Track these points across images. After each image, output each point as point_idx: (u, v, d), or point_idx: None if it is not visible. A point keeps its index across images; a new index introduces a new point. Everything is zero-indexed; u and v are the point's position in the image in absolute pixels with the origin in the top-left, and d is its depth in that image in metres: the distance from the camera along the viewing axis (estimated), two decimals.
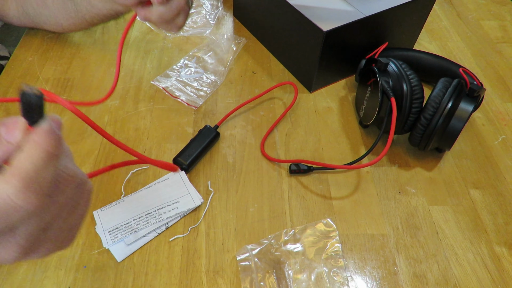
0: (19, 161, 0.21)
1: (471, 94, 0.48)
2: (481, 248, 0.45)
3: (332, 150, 0.54)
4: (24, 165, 0.21)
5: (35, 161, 0.21)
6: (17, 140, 0.22)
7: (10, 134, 0.22)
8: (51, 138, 0.22)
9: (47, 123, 0.22)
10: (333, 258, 0.44)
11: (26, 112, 0.22)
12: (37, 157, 0.21)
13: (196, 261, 0.43)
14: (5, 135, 0.22)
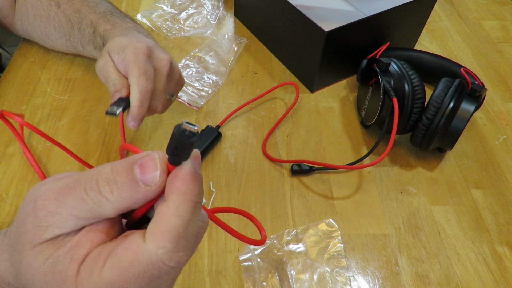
0: (166, 216, 0.19)
1: (473, 94, 0.48)
2: (483, 248, 0.45)
3: (334, 150, 0.54)
4: (172, 222, 0.19)
5: (183, 215, 0.19)
6: (157, 183, 0.19)
7: (148, 176, 0.19)
8: (196, 185, 0.20)
9: (191, 165, 0.20)
10: (335, 258, 0.44)
11: (174, 150, 0.19)
12: (184, 210, 0.19)
13: (198, 261, 0.43)
14: (141, 177, 0.19)
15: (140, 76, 0.41)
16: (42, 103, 0.58)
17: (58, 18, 0.55)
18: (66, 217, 0.19)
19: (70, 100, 0.58)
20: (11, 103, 0.57)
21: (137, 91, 0.41)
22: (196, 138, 0.19)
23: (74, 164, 0.51)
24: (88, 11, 0.53)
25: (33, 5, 0.57)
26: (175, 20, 0.72)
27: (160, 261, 0.19)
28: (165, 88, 0.45)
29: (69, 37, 0.56)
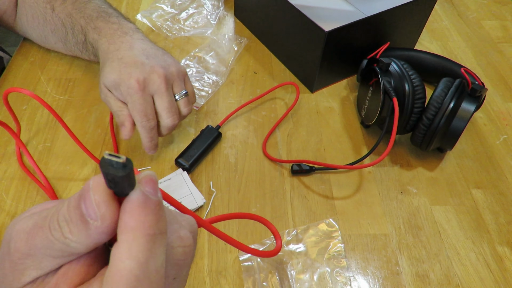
0: (118, 260, 0.17)
1: (473, 94, 0.48)
2: (483, 248, 0.45)
3: (334, 150, 0.54)
4: (126, 266, 0.17)
5: (137, 255, 0.17)
6: (100, 217, 0.17)
7: (90, 211, 0.17)
8: (150, 215, 0.17)
9: (139, 193, 0.17)
10: (335, 258, 0.44)
11: (109, 184, 0.17)
12: (138, 249, 0.17)
13: (198, 262, 0.43)
14: (85, 212, 0.17)
15: (142, 119, 0.45)
16: None
17: (54, 21, 0.55)
18: (41, 258, 0.18)
19: (70, 100, 0.58)
20: (11, 103, 0.57)
21: (143, 131, 0.46)
22: (128, 169, 0.16)
23: (74, 164, 0.51)
24: (78, 15, 0.53)
25: (31, 6, 0.57)
26: (175, 20, 0.72)
27: None
28: (171, 115, 0.47)
29: (65, 41, 0.57)
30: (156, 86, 0.45)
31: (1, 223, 0.45)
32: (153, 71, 0.45)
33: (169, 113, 0.46)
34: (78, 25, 0.53)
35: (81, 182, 0.49)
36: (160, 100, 0.46)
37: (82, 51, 0.55)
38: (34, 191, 0.48)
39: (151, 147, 0.48)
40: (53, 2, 0.55)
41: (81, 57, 0.58)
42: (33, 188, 0.48)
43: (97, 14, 0.52)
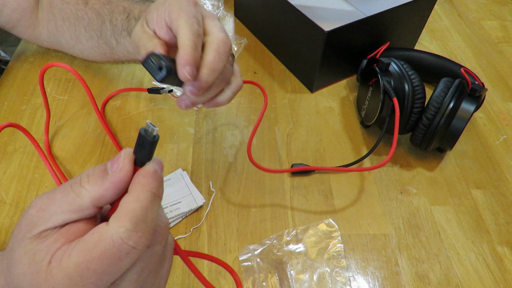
0: (127, 202, 0.22)
1: (473, 94, 0.48)
2: (483, 248, 0.45)
3: (334, 150, 0.54)
4: (132, 206, 0.21)
5: (142, 201, 0.22)
6: (120, 167, 0.23)
7: (115, 164, 0.23)
8: (156, 181, 0.23)
9: (152, 165, 0.23)
10: (335, 258, 0.44)
11: (137, 148, 0.23)
12: (144, 197, 0.22)
13: (198, 262, 0.43)
14: (110, 166, 0.23)
15: (189, 18, 0.33)
16: (42, 103, 0.57)
17: (87, 15, 0.52)
18: (53, 213, 0.22)
19: (70, 100, 0.58)
20: (11, 103, 0.57)
21: (187, 30, 0.33)
22: (157, 138, 0.23)
23: (74, 164, 0.51)
24: (119, 0, 0.49)
25: (60, 9, 0.54)
26: None
27: (120, 239, 0.20)
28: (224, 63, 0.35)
29: (100, 33, 0.51)
30: (210, 13, 0.37)
31: (1, 222, 0.45)
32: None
33: (222, 29, 0.35)
34: (119, 7, 0.48)
35: None
36: (213, 21, 0.35)
37: (119, 38, 0.49)
38: (34, 191, 0.48)
39: (191, 61, 0.32)
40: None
41: (116, 53, 0.52)
42: (33, 188, 0.48)
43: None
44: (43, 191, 0.48)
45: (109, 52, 0.52)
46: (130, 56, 0.50)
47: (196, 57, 0.32)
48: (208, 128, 0.56)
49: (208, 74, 0.33)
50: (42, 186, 0.48)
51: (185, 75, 0.31)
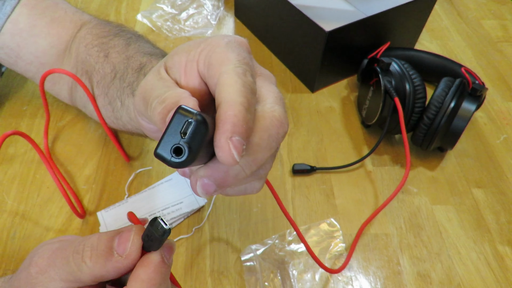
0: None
1: (474, 94, 0.48)
2: (484, 247, 0.45)
3: (335, 150, 0.54)
4: None
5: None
6: (126, 254, 0.22)
7: (122, 246, 0.22)
8: (159, 275, 0.22)
9: (158, 255, 0.22)
10: (337, 258, 0.44)
11: (145, 238, 0.22)
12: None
13: (200, 262, 0.43)
14: (117, 247, 0.22)
15: (241, 65, 0.23)
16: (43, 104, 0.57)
17: (103, 69, 0.44)
18: (52, 278, 0.21)
19: None
20: (12, 103, 0.57)
21: (236, 80, 0.22)
22: (166, 236, 0.21)
23: (75, 165, 0.51)
24: (140, 55, 0.42)
25: (82, 62, 0.47)
26: (175, 21, 0.72)
27: None
28: (272, 152, 0.24)
29: (107, 90, 0.43)
30: (266, 72, 0.28)
31: (2, 224, 0.45)
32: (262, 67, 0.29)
33: (280, 102, 0.25)
34: (136, 62, 0.41)
35: (81, 183, 0.49)
36: (269, 84, 0.26)
37: (124, 98, 0.41)
38: (35, 192, 0.48)
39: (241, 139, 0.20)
40: (109, 49, 0.45)
41: (117, 122, 0.44)
42: (34, 189, 0.48)
43: (160, 51, 0.44)
44: (44, 192, 0.48)
45: (113, 116, 0.44)
46: (133, 124, 0.40)
47: (249, 123, 0.20)
48: None
49: (246, 165, 0.22)
50: (43, 187, 0.48)
51: (229, 151, 0.19)
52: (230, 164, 0.19)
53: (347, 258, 0.43)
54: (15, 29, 0.46)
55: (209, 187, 0.22)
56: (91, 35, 0.46)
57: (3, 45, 0.47)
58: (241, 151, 0.19)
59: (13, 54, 0.48)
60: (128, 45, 0.44)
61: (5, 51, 0.47)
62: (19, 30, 0.46)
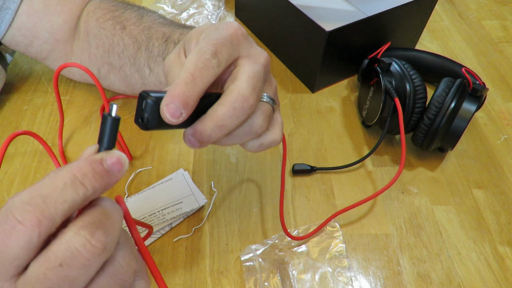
0: None
1: (474, 94, 0.48)
2: (484, 248, 0.45)
3: (335, 150, 0.54)
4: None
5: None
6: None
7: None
8: (87, 166, 0.22)
9: (101, 154, 0.22)
10: (337, 258, 0.44)
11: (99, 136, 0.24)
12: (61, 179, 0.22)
13: (200, 262, 0.43)
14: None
15: (208, 46, 0.28)
16: (43, 103, 0.58)
17: (123, 41, 0.47)
18: None
19: (71, 100, 0.58)
20: (12, 103, 0.57)
21: (191, 58, 0.27)
22: (109, 117, 0.23)
23: None
24: (159, 26, 0.45)
25: (95, 35, 0.49)
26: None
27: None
28: (260, 76, 0.30)
29: (134, 60, 0.46)
30: (255, 52, 0.31)
31: None
32: (258, 47, 0.32)
33: (250, 80, 0.28)
34: (159, 32, 0.44)
35: None
36: (249, 64, 0.29)
37: (154, 65, 0.44)
38: None
39: (175, 100, 0.25)
40: (124, 22, 0.47)
41: (148, 82, 0.46)
42: None
43: (186, 26, 0.46)
44: None
45: (140, 82, 0.47)
46: (162, 87, 0.44)
47: (186, 94, 0.25)
48: None
49: (213, 129, 0.27)
50: None
51: (165, 115, 0.25)
52: (171, 122, 0.25)
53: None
54: (30, 9, 0.49)
55: (193, 142, 0.28)
56: (100, 9, 0.50)
57: (20, 27, 0.49)
58: (177, 114, 0.25)
59: (29, 35, 0.50)
60: (141, 17, 0.47)
61: (21, 32, 0.50)
62: (34, 11, 0.49)
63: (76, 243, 0.20)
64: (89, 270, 0.21)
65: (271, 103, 0.31)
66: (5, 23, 0.48)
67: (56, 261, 0.20)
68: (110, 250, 0.21)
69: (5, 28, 0.49)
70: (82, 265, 0.20)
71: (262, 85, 0.30)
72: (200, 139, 0.28)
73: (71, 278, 0.20)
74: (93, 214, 0.22)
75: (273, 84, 0.33)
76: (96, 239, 0.20)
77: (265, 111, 0.30)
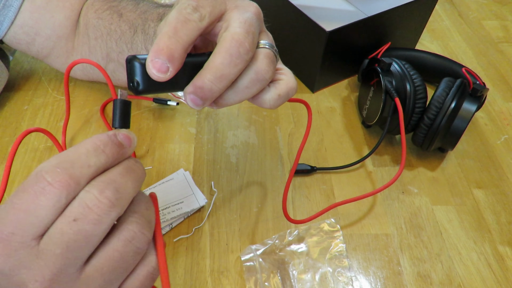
0: None
1: (474, 94, 0.48)
2: (484, 248, 0.45)
3: (335, 150, 0.54)
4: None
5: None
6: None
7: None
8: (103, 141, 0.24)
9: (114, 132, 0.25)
10: (337, 258, 0.44)
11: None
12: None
13: (200, 262, 0.43)
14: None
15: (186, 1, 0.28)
16: (44, 103, 0.58)
17: (120, 28, 0.48)
18: None
19: (71, 100, 0.58)
20: (12, 103, 0.57)
21: (173, 13, 0.27)
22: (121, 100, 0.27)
23: None
24: (154, 8, 0.47)
25: (94, 27, 0.50)
26: None
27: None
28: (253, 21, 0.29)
29: (131, 45, 0.47)
30: (244, 3, 0.31)
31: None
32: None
33: (243, 25, 0.28)
34: (154, 14, 0.45)
35: None
36: (239, 14, 0.29)
37: (151, 45, 0.43)
38: None
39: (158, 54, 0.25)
40: (121, 10, 0.48)
41: None
42: None
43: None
44: None
45: None
46: None
47: (170, 47, 0.25)
48: (209, 128, 0.56)
49: (212, 81, 0.27)
50: None
51: (152, 71, 0.25)
52: (160, 79, 0.25)
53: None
54: (32, 6, 0.49)
55: (195, 101, 0.27)
56: (99, 1, 0.50)
57: (22, 24, 0.49)
58: (164, 69, 0.25)
59: (32, 32, 0.50)
60: (137, 4, 0.48)
61: (24, 29, 0.50)
62: (37, 7, 0.49)
63: (86, 199, 0.22)
64: (101, 225, 0.22)
65: (272, 49, 0.30)
66: (8, 21, 0.48)
67: (71, 216, 0.21)
68: (119, 207, 0.23)
69: (7, 26, 0.49)
70: (94, 220, 0.22)
71: (256, 31, 0.29)
72: (202, 95, 0.27)
73: (85, 233, 0.22)
74: (106, 174, 0.23)
75: (269, 35, 0.33)
76: (104, 196, 0.22)
77: (267, 55, 0.29)
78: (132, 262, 0.24)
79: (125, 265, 0.24)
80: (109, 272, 0.23)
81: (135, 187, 0.24)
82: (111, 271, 0.23)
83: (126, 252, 0.24)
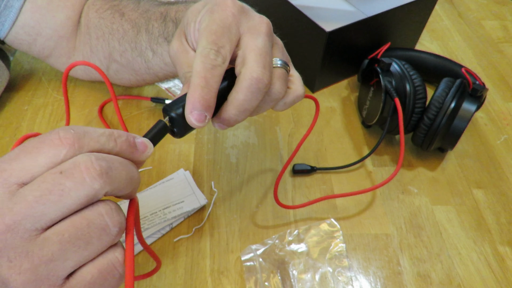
0: None
1: (474, 94, 0.48)
2: (484, 248, 0.45)
3: (335, 150, 0.54)
4: None
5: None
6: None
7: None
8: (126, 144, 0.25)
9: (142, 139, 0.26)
10: (337, 258, 0.44)
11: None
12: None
13: (200, 262, 0.43)
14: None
15: (208, 42, 0.28)
16: (44, 103, 0.58)
17: (122, 27, 0.48)
18: None
19: (71, 100, 0.58)
20: (12, 103, 0.57)
21: (198, 62, 0.28)
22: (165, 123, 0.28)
23: None
24: (156, 7, 0.46)
25: (95, 26, 0.50)
26: None
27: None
28: (267, 49, 0.30)
29: (135, 44, 0.47)
30: (255, 23, 0.31)
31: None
32: (256, 15, 0.33)
33: (259, 59, 0.29)
34: (156, 13, 0.45)
35: None
36: (253, 40, 0.30)
37: (156, 47, 0.45)
38: None
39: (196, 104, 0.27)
40: (122, 9, 0.49)
41: (151, 66, 0.48)
42: None
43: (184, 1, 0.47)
44: None
45: (144, 66, 0.48)
46: (168, 69, 0.46)
47: (205, 98, 0.27)
48: (209, 128, 0.56)
49: (237, 114, 0.30)
50: None
51: (192, 122, 0.27)
52: (199, 127, 0.28)
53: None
54: (33, 7, 0.49)
55: (222, 127, 0.31)
56: (100, 1, 0.51)
57: (24, 24, 0.49)
58: (202, 119, 0.27)
59: (33, 32, 0.50)
60: (138, 2, 0.49)
61: (25, 30, 0.50)
62: (38, 7, 0.49)
63: (80, 159, 0.22)
64: (81, 189, 0.21)
65: (284, 66, 0.32)
66: (9, 22, 0.49)
67: (59, 168, 0.22)
68: (105, 184, 0.22)
69: (9, 27, 0.49)
70: (77, 179, 0.21)
71: (271, 57, 0.31)
72: (228, 124, 0.31)
73: (62, 187, 0.21)
74: (107, 155, 0.24)
75: (279, 44, 0.35)
76: (97, 163, 0.22)
77: (280, 76, 0.31)
78: (96, 239, 0.22)
79: (88, 238, 0.22)
80: (69, 240, 0.21)
81: (127, 180, 0.24)
82: (70, 239, 0.21)
83: (93, 224, 0.22)
